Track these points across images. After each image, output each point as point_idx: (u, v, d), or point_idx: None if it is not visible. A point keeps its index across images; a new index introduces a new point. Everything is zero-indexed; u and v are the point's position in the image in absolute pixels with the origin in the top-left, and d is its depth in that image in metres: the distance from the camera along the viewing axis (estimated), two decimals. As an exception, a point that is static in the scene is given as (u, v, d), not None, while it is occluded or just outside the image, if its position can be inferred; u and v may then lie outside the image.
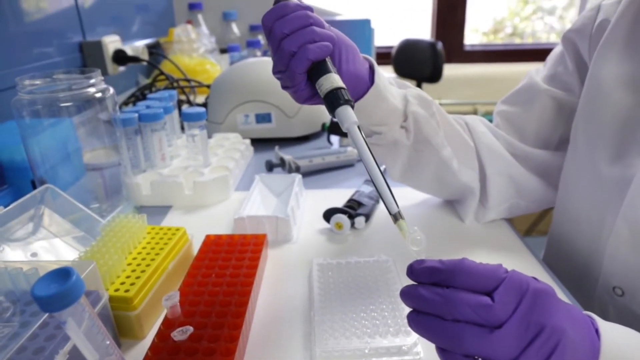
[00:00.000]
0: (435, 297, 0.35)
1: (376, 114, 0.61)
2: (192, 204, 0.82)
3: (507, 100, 0.76)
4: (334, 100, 0.47)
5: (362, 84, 0.58)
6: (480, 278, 0.35)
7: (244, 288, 0.53)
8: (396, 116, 0.62)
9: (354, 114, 0.46)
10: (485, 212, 0.73)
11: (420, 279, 0.37)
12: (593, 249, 0.63)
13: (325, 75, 0.49)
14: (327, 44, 0.50)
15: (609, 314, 0.61)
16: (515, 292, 0.34)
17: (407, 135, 0.64)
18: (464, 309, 0.34)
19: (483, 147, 0.70)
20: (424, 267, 0.37)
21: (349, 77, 0.55)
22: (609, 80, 0.59)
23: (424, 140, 0.65)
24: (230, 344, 0.45)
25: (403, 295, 0.37)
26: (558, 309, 0.34)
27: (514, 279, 0.35)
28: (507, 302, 0.34)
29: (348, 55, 0.55)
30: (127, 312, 0.50)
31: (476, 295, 0.35)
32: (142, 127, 0.86)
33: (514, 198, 0.72)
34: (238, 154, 0.94)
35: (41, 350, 0.40)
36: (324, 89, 0.48)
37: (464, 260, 0.36)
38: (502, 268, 0.36)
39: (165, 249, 0.57)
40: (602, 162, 0.60)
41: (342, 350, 0.47)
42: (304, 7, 0.51)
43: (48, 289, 0.31)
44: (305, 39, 0.49)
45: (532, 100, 0.71)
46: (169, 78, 1.35)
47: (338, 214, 0.71)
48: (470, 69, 2.74)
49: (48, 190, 0.65)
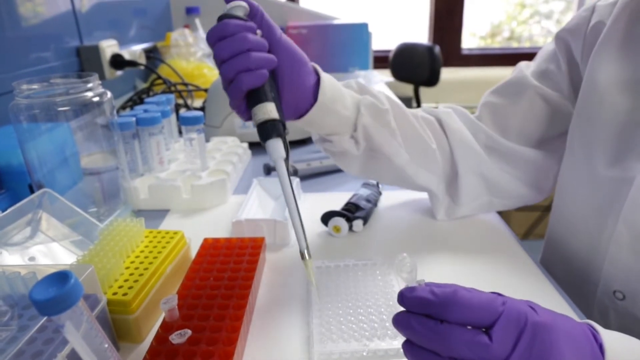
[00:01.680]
0: (429, 333, 0.34)
1: (325, 126, 0.61)
2: (190, 207, 0.82)
3: (495, 91, 0.75)
4: (264, 133, 0.48)
5: (305, 101, 0.57)
6: (475, 312, 0.34)
7: (242, 291, 0.53)
8: (347, 126, 0.62)
9: (281, 148, 0.48)
10: (455, 208, 0.73)
11: (411, 308, 0.36)
12: (592, 253, 0.63)
13: (259, 105, 0.49)
14: (263, 73, 0.50)
15: (609, 318, 0.61)
16: (514, 328, 0.33)
17: (356, 146, 0.63)
18: (460, 347, 0.33)
19: (456, 145, 0.70)
20: (415, 297, 0.35)
21: (291, 95, 0.55)
22: (606, 83, 0.59)
23: (376, 148, 0.65)
24: (229, 346, 0.44)
25: (395, 324, 0.37)
26: (558, 342, 0.33)
27: (511, 313, 0.34)
28: (506, 340, 0.33)
29: (293, 74, 0.54)
30: (125, 315, 0.49)
31: (473, 332, 0.33)
32: (139, 131, 0.87)
33: (487, 195, 0.73)
34: (236, 158, 0.94)
35: (39, 354, 0.40)
36: (256, 119, 0.49)
37: (457, 292, 0.35)
38: (498, 299, 0.35)
39: (163, 252, 0.57)
40: (601, 165, 0.60)
41: (341, 352, 0.47)
42: (245, 27, 0.50)
43: (46, 293, 0.31)
44: (240, 66, 0.49)
45: (520, 95, 0.71)
46: (166, 82, 1.35)
47: (336, 217, 0.71)
48: (468, 72, 2.75)
49: (46, 195, 0.65)
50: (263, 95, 0.50)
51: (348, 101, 0.62)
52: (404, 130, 0.66)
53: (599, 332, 0.37)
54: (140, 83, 1.58)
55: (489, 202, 0.73)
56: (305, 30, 1.79)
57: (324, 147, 0.66)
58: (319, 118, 0.59)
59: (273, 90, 0.52)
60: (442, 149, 0.70)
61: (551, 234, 0.73)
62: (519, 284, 0.60)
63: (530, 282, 0.61)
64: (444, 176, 0.72)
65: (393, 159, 0.66)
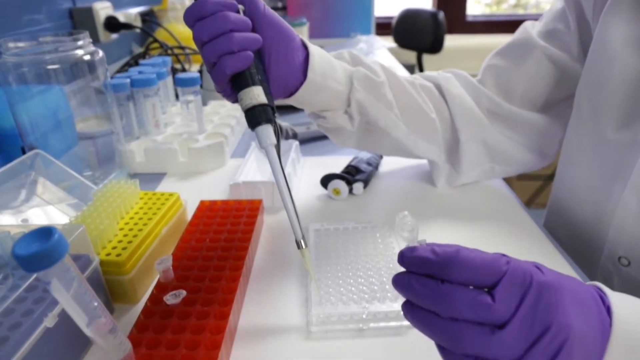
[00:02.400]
0: (430, 293, 0.32)
1: (317, 102, 0.58)
2: (187, 170, 0.80)
3: (499, 52, 0.72)
4: (252, 119, 0.46)
5: (294, 78, 0.53)
6: (478, 272, 0.32)
7: (238, 253, 0.52)
8: (340, 101, 0.59)
9: (272, 135, 0.45)
10: (456, 176, 0.71)
11: (411, 268, 0.34)
12: (597, 219, 0.61)
13: (245, 90, 0.46)
14: (247, 55, 0.46)
15: (613, 284, 0.60)
16: (518, 288, 0.31)
17: (350, 122, 0.61)
18: (462, 308, 0.31)
19: (457, 112, 0.67)
20: (415, 257, 0.34)
21: (279, 74, 0.51)
22: (617, 42, 0.56)
23: (372, 123, 0.62)
24: (225, 307, 0.44)
25: (395, 284, 0.35)
26: (564, 302, 0.32)
27: (515, 273, 0.32)
28: (509, 300, 0.31)
29: (280, 52, 0.50)
30: (119, 276, 0.48)
31: (474, 292, 0.32)
32: (134, 93, 0.84)
33: (488, 162, 0.70)
34: (234, 121, 0.92)
35: (29, 312, 0.39)
36: (243, 105, 0.46)
37: (459, 251, 0.33)
38: (502, 259, 0.33)
39: (158, 214, 0.56)
40: (609, 128, 0.58)
41: (339, 314, 0.46)
42: (223, 4, 0.47)
43: (29, 248, 0.29)
44: (223, 49, 0.46)
45: (526, 56, 0.68)
46: (162, 45, 1.31)
47: (336, 180, 0.69)
48: (472, 40, 2.69)
49: (38, 157, 0.63)
50: (249, 78, 0.46)
51: (340, 74, 0.58)
52: (401, 101, 0.64)
53: (606, 294, 0.35)
54: (136, 48, 1.54)
55: (491, 169, 0.71)
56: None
57: (318, 123, 0.63)
58: (310, 96, 0.56)
59: (259, 71, 0.48)
60: (442, 116, 0.68)
61: (554, 199, 0.72)
62: (523, 249, 0.59)
63: (534, 247, 0.59)
64: (444, 145, 0.69)
65: (390, 132, 0.63)
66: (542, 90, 0.68)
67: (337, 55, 0.63)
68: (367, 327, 0.46)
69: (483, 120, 0.67)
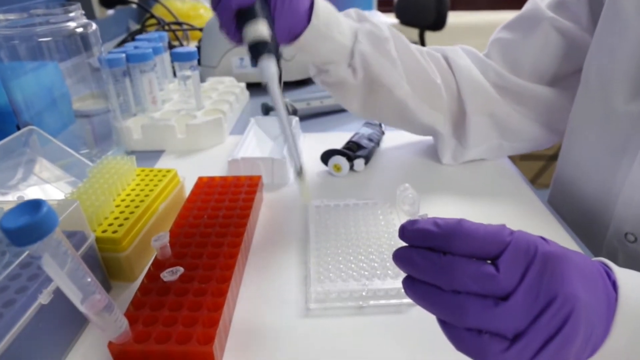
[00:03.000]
0: (432, 266, 0.31)
1: (319, 53, 0.58)
2: (185, 147, 0.79)
3: (506, 26, 0.70)
4: (255, 51, 0.46)
5: (298, 22, 0.54)
6: (481, 243, 0.31)
7: (237, 229, 0.51)
8: (343, 55, 0.59)
9: (274, 66, 0.46)
10: (463, 151, 0.69)
11: (413, 242, 0.33)
12: (604, 194, 0.60)
13: (249, 23, 0.46)
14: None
15: (618, 260, 0.59)
16: (522, 258, 0.30)
17: (354, 75, 0.60)
18: (464, 280, 0.30)
19: (464, 83, 0.66)
20: (416, 229, 0.32)
21: (283, 16, 0.52)
22: (630, 10, 0.54)
23: (376, 79, 0.61)
24: (223, 284, 0.43)
25: (396, 259, 0.33)
26: (570, 273, 0.31)
27: (520, 243, 0.31)
28: (513, 270, 0.30)
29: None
30: (116, 253, 0.48)
31: (478, 263, 0.31)
32: (130, 68, 0.82)
33: (496, 138, 0.69)
34: (233, 97, 0.90)
35: (23, 289, 0.38)
36: (247, 38, 0.46)
37: (462, 222, 0.31)
38: (506, 229, 0.32)
39: (155, 190, 0.55)
40: (619, 100, 0.56)
41: (339, 292, 0.45)
42: None
43: (17, 221, 0.28)
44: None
45: (534, 28, 0.66)
46: (160, 21, 1.29)
47: (336, 156, 0.68)
48: (476, 16, 2.65)
49: (33, 133, 0.62)
50: (254, 13, 0.47)
51: (345, 28, 0.59)
52: (406, 61, 0.63)
53: (612, 269, 0.34)
54: (133, 24, 1.51)
55: (499, 145, 0.70)
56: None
57: (321, 79, 0.63)
58: (313, 43, 0.56)
59: (265, 11, 0.49)
60: (449, 86, 0.66)
61: (559, 175, 0.70)
62: (527, 226, 0.56)
63: (539, 223, 0.58)
64: (450, 115, 0.68)
65: (393, 90, 0.62)
66: (551, 63, 0.66)
67: (345, 13, 0.63)
68: (367, 305, 0.45)
69: (491, 93, 0.66)
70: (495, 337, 0.30)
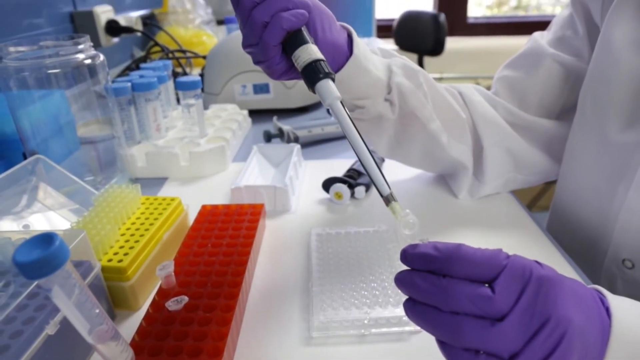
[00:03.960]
0: (431, 288, 0.33)
1: (358, 87, 0.57)
2: (189, 175, 0.80)
3: (510, 64, 0.72)
4: (313, 73, 0.43)
5: (340, 54, 0.54)
6: (479, 266, 0.32)
7: (240, 258, 0.51)
8: (379, 88, 0.59)
9: (335, 89, 0.43)
10: (480, 186, 0.69)
11: (414, 265, 0.34)
12: (601, 221, 0.61)
13: (302, 47, 0.45)
14: (303, 12, 0.46)
15: (616, 287, 0.60)
16: (517, 281, 0.32)
17: (391, 109, 0.60)
18: (462, 301, 0.32)
19: (479, 118, 0.67)
20: (417, 253, 0.34)
21: (326, 47, 0.51)
22: (622, 43, 0.56)
23: (410, 114, 0.61)
24: (227, 313, 0.43)
25: (397, 282, 0.35)
26: (563, 296, 0.32)
27: (515, 266, 0.32)
28: (509, 293, 0.31)
29: (324, 24, 0.50)
30: (121, 282, 0.48)
31: (475, 285, 0.32)
32: (135, 97, 0.84)
33: (511, 172, 0.69)
34: (235, 125, 0.92)
35: (30, 320, 0.38)
36: (302, 61, 0.44)
37: (460, 247, 0.33)
38: (502, 253, 0.33)
39: (159, 219, 0.56)
40: (613, 129, 0.57)
41: (341, 320, 0.46)
42: None
43: (30, 255, 0.29)
44: (278, 6, 0.45)
45: (537, 65, 0.68)
46: (163, 49, 1.31)
47: (338, 184, 0.69)
48: (474, 42, 2.69)
49: (39, 162, 0.63)
50: (305, 36, 0.45)
51: (378, 62, 0.59)
52: (434, 96, 0.63)
53: (606, 296, 0.35)
54: (137, 52, 1.54)
55: (513, 178, 0.70)
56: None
57: (355, 115, 0.61)
58: (353, 75, 0.55)
59: (310, 37, 0.47)
60: (467, 121, 0.67)
61: (557, 202, 0.71)
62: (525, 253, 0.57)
63: (537, 250, 0.59)
64: (473, 149, 0.68)
65: (427, 124, 0.62)
66: (557, 97, 0.68)
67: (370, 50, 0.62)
68: (369, 333, 0.46)
69: (505, 127, 0.67)
70: (492, 358, 0.31)
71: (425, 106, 0.61)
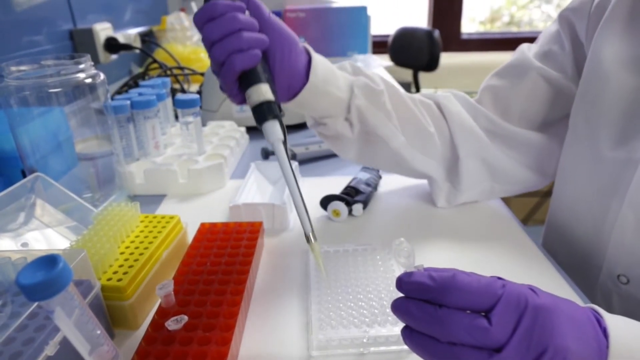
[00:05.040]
0: (428, 318, 0.33)
1: (318, 107, 0.60)
2: (187, 192, 0.81)
3: (496, 74, 0.73)
4: (260, 114, 0.47)
5: (297, 81, 0.56)
6: (474, 296, 0.33)
7: (239, 276, 0.51)
8: (340, 108, 0.61)
9: (279, 130, 0.46)
10: (456, 194, 0.71)
11: (409, 294, 0.35)
12: (595, 236, 0.62)
13: (254, 87, 0.48)
14: (256, 53, 0.48)
15: (612, 302, 0.60)
16: (513, 311, 0.32)
17: (351, 129, 0.62)
18: (459, 332, 0.32)
19: (456, 129, 0.68)
20: (413, 282, 0.35)
21: (283, 75, 0.53)
22: (611, 62, 0.58)
23: (371, 132, 0.63)
24: (226, 332, 0.43)
25: (394, 309, 0.36)
26: (560, 324, 0.32)
27: (511, 296, 0.33)
28: (506, 323, 0.32)
29: (284, 51, 0.53)
30: (120, 301, 0.48)
31: (472, 316, 0.33)
32: (134, 114, 0.85)
33: (488, 181, 0.71)
34: (233, 142, 0.92)
35: (30, 341, 0.38)
36: (252, 101, 0.47)
37: (455, 276, 0.34)
38: (497, 282, 0.34)
39: (158, 237, 0.56)
40: (605, 146, 0.58)
41: (340, 339, 0.46)
42: (234, 6, 0.49)
43: (34, 277, 0.29)
44: (233, 47, 0.47)
45: (522, 77, 0.69)
46: (162, 66, 1.32)
47: (335, 201, 0.69)
48: (467, 57, 2.72)
49: (38, 179, 0.63)
50: (257, 76, 0.48)
51: (341, 82, 0.60)
52: (400, 112, 0.65)
53: (603, 316, 0.36)
54: (136, 68, 1.55)
55: (491, 188, 0.72)
56: (304, 13, 1.76)
57: (318, 130, 0.64)
58: (311, 99, 0.58)
59: (266, 71, 0.50)
60: (442, 133, 0.68)
61: (552, 218, 0.72)
62: (521, 269, 0.59)
63: (533, 266, 0.60)
64: (443, 161, 0.70)
65: (389, 141, 0.64)
66: (539, 110, 0.69)
67: (340, 66, 0.65)
68: (368, 352, 0.46)
69: (482, 138, 0.68)
70: None
71: (387, 125, 0.63)
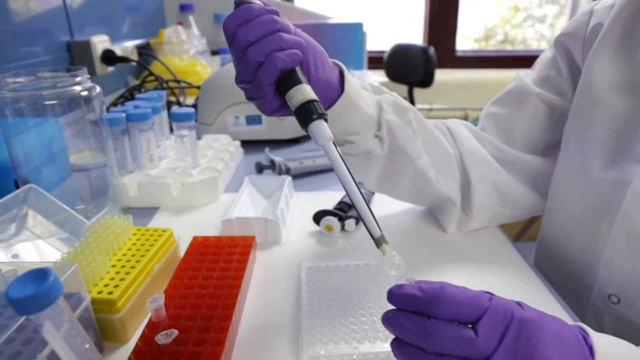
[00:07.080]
0: (417, 329, 0.34)
1: (348, 123, 0.58)
2: (180, 205, 0.81)
3: (496, 101, 0.74)
4: (306, 114, 0.44)
5: (332, 92, 0.54)
6: (462, 308, 0.34)
7: (231, 291, 0.51)
8: (370, 125, 0.60)
9: (328, 129, 0.43)
10: (468, 220, 0.70)
11: (399, 305, 0.36)
12: (586, 256, 0.62)
13: (297, 87, 0.45)
14: (297, 52, 0.46)
15: (603, 322, 0.60)
16: (500, 323, 0.33)
17: (381, 145, 0.61)
18: (446, 343, 0.33)
19: (467, 153, 0.68)
20: (403, 294, 0.36)
21: (319, 85, 0.51)
22: (602, 84, 0.59)
23: (398, 150, 0.62)
24: (216, 347, 0.43)
25: (384, 321, 0.37)
26: (544, 338, 0.33)
27: (498, 308, 0.34)
28: (491, 335, 0.33)
29: (317, 62, 0.51)
30: (110, 315, 0.48)
31: (459, 327, 0.33)
32: (129, 127, 0.85)
33: (498, 206, 0.70)
34: (228, 156, 0.93)
35: (18, 354, 0.38)
36: (295, 101, 0.44)
37: (444, 287, 0.35)
38: (485, 295, 0.35)
39: (151, 250, 0.56)
40: (596, 167, 0.59)
41: (330, 355, 0.46)
42: (269, 10, 0.47)
43: (23, 291, 0.29)
44: (273, 46, 0.45)
45: (522, 103, 0.70)
46: (158, 79, 1.33)
47: (328, 216, 0.70)
48: (462, 74, 2.75)
49: (31, 191, 0.63)
50: (298, 77, 0.46)
51: (367, 98, 0.60)
52: (423, 132, 0.64)
53: (589, 335, 0.36)
54: (132, 80, 1.56)
55: (501, 213, 0.71)
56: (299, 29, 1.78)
57: (344, 150, 0.61)
58: (343, 112, 0.56)
59: (304, 76, 0.47)
60: (455, 157, 0.68)
61: (544, 236, 0.73)
62: (512, 287, 0.59)
63: (524, 284, 0.60)
64: (461, 184, 0.69)
65: (416, 160, 0.63)
66: (542, 134, 0.70)
67: (361, 86, 0.63)
68: (359, 368, 0.46)
69: (492, 163, 0.68)
70: None
71: (414, 142, 0.62)
